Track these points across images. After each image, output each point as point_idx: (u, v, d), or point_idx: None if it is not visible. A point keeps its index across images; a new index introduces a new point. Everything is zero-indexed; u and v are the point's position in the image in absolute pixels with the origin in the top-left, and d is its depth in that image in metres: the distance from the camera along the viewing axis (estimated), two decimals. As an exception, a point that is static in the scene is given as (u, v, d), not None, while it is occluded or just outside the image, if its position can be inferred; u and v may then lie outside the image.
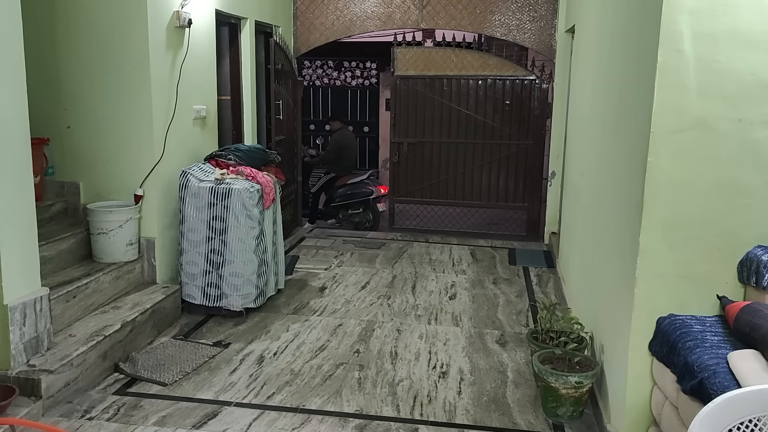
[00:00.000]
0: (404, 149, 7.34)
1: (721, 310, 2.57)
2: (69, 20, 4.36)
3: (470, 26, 6.91)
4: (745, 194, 2.52)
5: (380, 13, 7.01)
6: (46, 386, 3.18)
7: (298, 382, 3.68)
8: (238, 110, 6.13)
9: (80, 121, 4.47)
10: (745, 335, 2.28)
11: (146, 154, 4.44)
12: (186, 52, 4.72)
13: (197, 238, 4.52)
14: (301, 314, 4.72)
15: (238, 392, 3.53)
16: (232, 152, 4.83)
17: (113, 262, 4.27)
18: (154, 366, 3.77)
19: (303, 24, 7.16)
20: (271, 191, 4.71)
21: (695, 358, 2.27)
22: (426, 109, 7.19)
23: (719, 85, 2.48)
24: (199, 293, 4.57)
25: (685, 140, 2.51)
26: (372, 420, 3.27)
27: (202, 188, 4.47)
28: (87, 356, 3.49)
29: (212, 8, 5.18)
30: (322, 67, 10.96)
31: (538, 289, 5.41)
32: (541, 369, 3.26)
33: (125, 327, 3.85)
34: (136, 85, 4.35)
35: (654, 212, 2.57)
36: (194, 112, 4.93)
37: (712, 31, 2.45)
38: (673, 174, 2.54)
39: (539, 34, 6.78)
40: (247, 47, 6.05)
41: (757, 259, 2.46)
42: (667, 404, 2.50)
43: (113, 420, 3.21)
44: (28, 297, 3.28)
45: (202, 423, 3.21)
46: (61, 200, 4.52)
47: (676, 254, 2.59)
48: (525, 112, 6.99)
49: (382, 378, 3.75)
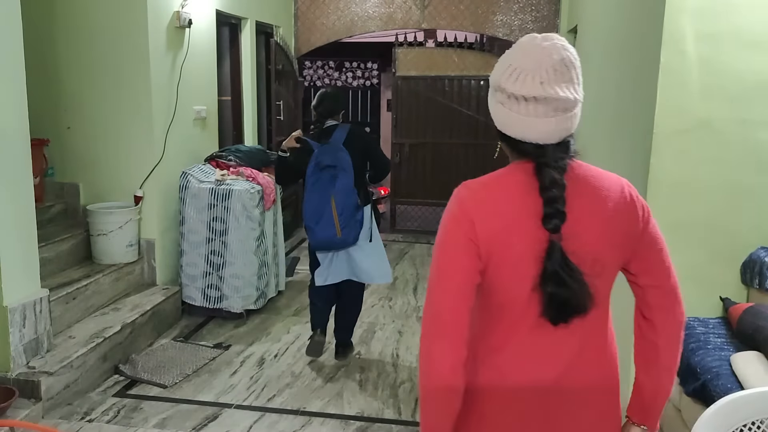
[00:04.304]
0: (405, 150, 7.33)
1: (724, 312, 2.56)
2: (69, 21, 4.35)
3: (472, 26, 6.90)
4: (748, 195, 2.51)
5: (381, 13, 7.00)
6: (45, 388, 3.17)
7: (299, 384, 3.66)
8: (239, 111, 6.12)
9: (80, 122, 4.46)
10: (748, 337, 2.27)
11: (146, 155, 4.43)
12: (186, 52, 4.71)
13: (197, 240, 4.51)
14: (302, 316, 4.71)
15: (239, 394, 3.52)
16: (233, 153, 4.82)
17: (113, 263, 4.26)
18: (154, 368, 3.76)
19: (304, 24, 7.15)
20: (271, 192, 4.70)
21: (698, 360, 2.25)
22: (427, 109, 7.18)
23: (722, 86, 2.46)
24: (199, 295, 4.56)
25: (687, 141, 2.50)
26: (373, 422, 3.26)
27: (203, 189, 4.46)
28: (87, 358, 3.48)
29: (212, 8, 5.17)
30: (323, 67, 10.96)
31: (540, 291, 5.39)
32: (543, 371, 3.23)
33: (125, 329, 3.84)
34: (136, 86, 4.34)
35: (656, 213, 2.54)
36: (194, 112, 4.92)
37: (714, 31, 2.44)
38: (676, 175, 2.53)
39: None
40: (248, 47, 6.04)
41: (760, 260, 2.44)
42: (670, 406, 2.48)
43: (113, 422, 3.20)
44: (27, 298, 3.27)
45: (203, 425, 3.19)
46: (61, 201, 4.51)
47: (679, 256, 2.55)
48: (526, 112, 6.97)
49: (384, 380, 3.73)
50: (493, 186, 1.38)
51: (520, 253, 1.30)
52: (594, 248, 1.32)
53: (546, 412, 1.36)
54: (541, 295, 1.30)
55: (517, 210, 1.32)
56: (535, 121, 1.30)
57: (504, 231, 1.31)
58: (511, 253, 1.31)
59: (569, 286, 1.28)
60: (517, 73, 1.30)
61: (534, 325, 1.33)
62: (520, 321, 1.34)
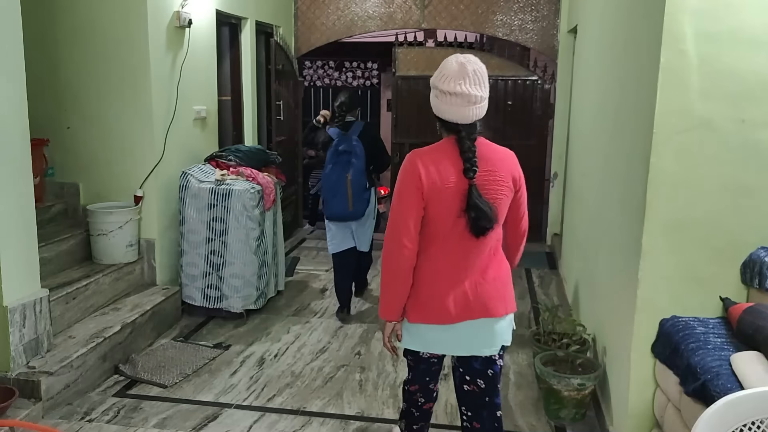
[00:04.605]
0: (405, 150, 7.31)
1: (724, 312, 2.55)
2: (69, 21, 4.35)
3: (472, 26, 6.89)
4: (749, 195, 2.51)
5: (381, 13, 7.00)
6: (45, 388, 3.17)
7: (299, 384, 3.66)
8: (239, 111, 6.12)
9: (80, 122, 4.46)
10: (748, 337, 2.27)
11: (146, 154, 4.43)
12: (186, 52, 4.71)
13: (197, 240, 4.51)
14: (301, 316, 4.71)
15: (239, 394, 3.52)
16: (233, 153, 4.81)
17: (113, 263, 4.26)
18: (154, 368, 3.76)
19: (304, 24, 7.15)
20: (271, 192, 4.70)
21: (698, 360, 2.25)
22: (427, 109, 7.09)
23: (722, 86, 2.46)
24: (199, 295, 4.56)
25: (688, 141, 2.49)
26: (373, 422, 3.26)
27: (203, 189, 4.46)
28: (87, 358, 3.48)
29: (212, 8, 5.17)
30: (323, 67, 10.95)
31: (540, 291, 5.40)
32: (544, 371, 3.24)
33: (125, 329, 3.84)
34: (136, 86, 4.34)
35: (657, 213, 2.56)
36: (194, 112, 4.92)
37: (715, 31, 2.43)
38: (676, 175, 2.52)
39: (541, 35, 6.76)
40: (248, 47, 6.04)
41: (760, 260, 2.44)
42: (670, 406, 2.48)
43: (113, 422, 3.20)
44: (27, 298, 3.27)
45: (203, 425, 3.20)
46: (61, 201, 4.51)
47: (679, 256, 2.58)
48: (527, 112, 6.96)
49: (384, 380, 3.73)
50: (432, 152, 2.24)
51: (449, 194, 2.16)
52: (493, 189, 2.19)
53: (468, 277, 2.26)
54: (465, 219, 2.15)
55: (446, 167, 2.17)
56: (457, 108, 2.17)
57: (438, 181, 2.16)
58: (443, 195, 2.16)
59: (485, 211, 2.14)
60: (446, 78, 2.18)
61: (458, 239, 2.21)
62: (447, 238, 2.22)
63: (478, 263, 2.25)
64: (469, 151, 2.14)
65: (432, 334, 2.31)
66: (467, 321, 2.26)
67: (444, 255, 2.23)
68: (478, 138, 2.20)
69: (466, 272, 2.25)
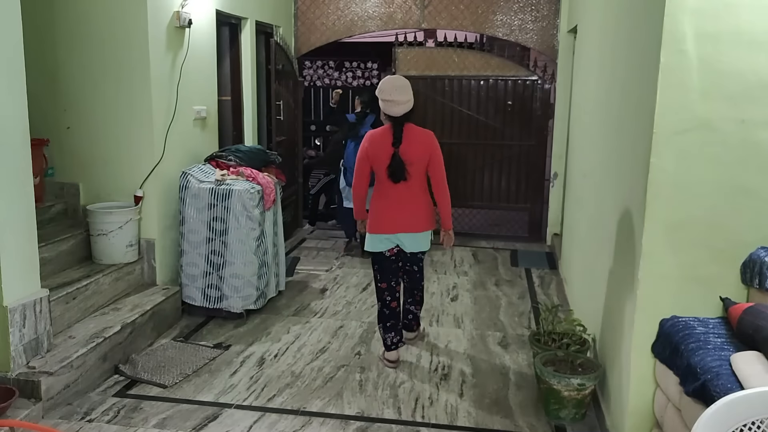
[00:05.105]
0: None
1: (724, 312, 2.55)
2: (69, 21, 4.35)
3: (472, 26, 6.89)
4: (749, 195, 2.51)
5: (381, 13, 7.00)
6: (45, 388, 3.17)
7: (299, 384, 3.66)
8: (239, 111, 6.12)
9: (80, 122, 4.46)
10: (749, 337, 2.27)
11: (146, 155, 4.43)
12: (186, 52, 4.71)
13: (197, 240, 4.51)
14: (301, 316, 4.71)
15: (239, 394, 3.52)
16: (233, 153, 4.81)
17: (113, 263, 4.27)
18: (154, 368, 3.76)
19: (304, 24, 7.15)
20: (271, 192, 4.70)
21: (698, 360, 2.25)
22: (427, 109, 7.16)
23: (722, 86, 2.46)
24: (199, 295, 4.56)
25: (688, 141, 2.50)
26: (373, 422, 3.26)
27: (203, 189, 4.46)
28: (87, 358, 3.48)
29: (212, 8, 5.17)
30: (323, 67, 10.95)
31: (541, 291, 5.40)
32: (544, 371, 3.24)
33: (125, 329, 3.84)
34: (136, 86, 4.34)
35: (657, 214, 2.56)
36: (194, 112, 4.92)
37: (714, 31, 2.43)
38: (676, 175, 2.52)
39: (541, 35, 6.76)
40: (248, 47, 6.04)
41: (760, 260, 2.44)
42: (670, 406, 2.48)
43: (113, 422, 3.20)
44: (27, 298, 3.27)
45: (203, 425, 3.20)
46: (61, 201, 4.51)
47: (679, 256, 2.58)
48: (527, 112, 6.97)
49: (384, 380, 3.73)
50: (378, 133, 3.78)
51: (384, 157, 3.69)
52: (411, 156, 3.67)
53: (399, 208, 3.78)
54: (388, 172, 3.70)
55: (385, 140, 3.71)
56: (393, 108, 3.69)
57: (378, 150, 3.71)
58: (381, 157, 3.70)
59: (400, 167, 3.66)
60: (384, 91, 3.70)
61: (390, 184, 3.72)
62: (384, 183, 3.75)
63: (405, 198, 3.74)
64: (397, 132, 3.69)
65: (382, 240, 3.84)
66: (400, 233, 3.79)
67: (384, 193, 3.78)
68: (407, 124, 3.73)
69: (398, 204, 3.75)
